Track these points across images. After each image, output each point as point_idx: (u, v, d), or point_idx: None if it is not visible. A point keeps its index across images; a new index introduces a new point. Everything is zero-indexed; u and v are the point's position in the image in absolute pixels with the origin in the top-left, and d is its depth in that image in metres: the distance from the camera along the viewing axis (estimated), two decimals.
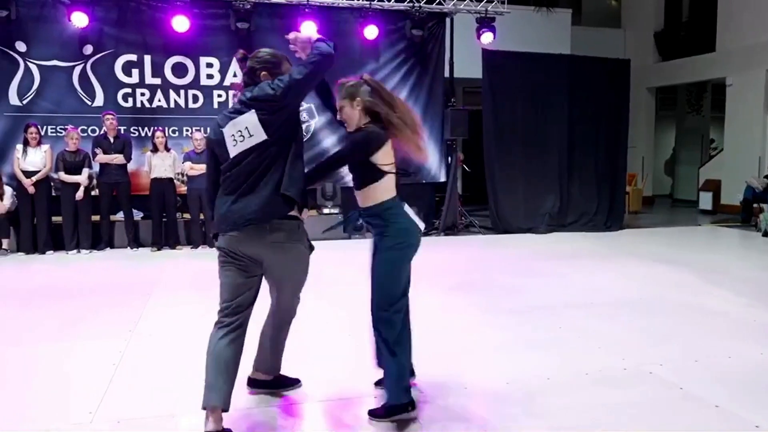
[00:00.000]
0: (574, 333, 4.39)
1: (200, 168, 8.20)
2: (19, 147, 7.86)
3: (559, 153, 10.06)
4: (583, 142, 10.16)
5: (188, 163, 8.20)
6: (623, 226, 10.39)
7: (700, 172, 14.49)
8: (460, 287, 5.88)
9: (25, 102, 8.51)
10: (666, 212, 13.83)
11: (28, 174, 7.78)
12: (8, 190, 7.92)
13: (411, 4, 9.59)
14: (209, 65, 9.20)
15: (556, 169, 10.06)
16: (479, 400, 3.26)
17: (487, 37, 9.83)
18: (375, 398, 3.20)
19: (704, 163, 15.03)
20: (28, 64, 8.50)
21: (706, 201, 13.46)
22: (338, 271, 6.49)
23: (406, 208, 3.00)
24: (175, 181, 8.30)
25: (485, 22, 9.85)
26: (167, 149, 8.27)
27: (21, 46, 8.46)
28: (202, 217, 8.33)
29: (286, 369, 3.30)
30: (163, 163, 8.14)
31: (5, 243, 7.87)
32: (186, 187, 8.39)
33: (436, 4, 9.74)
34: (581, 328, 4.52)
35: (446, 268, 7.00)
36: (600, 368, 3.66)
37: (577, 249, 8.39)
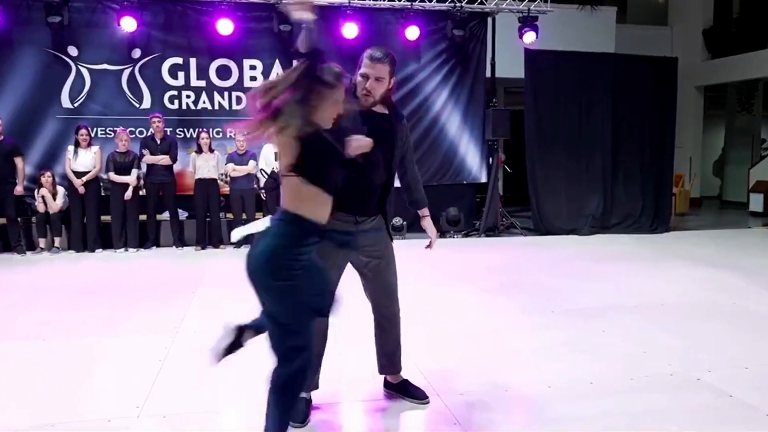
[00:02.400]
0: (618, 337, 4.31)
1: (242, 169, 8.34)
2: (71, 148, 8.12)
3: (603, 153, 9.89)
4: (628, 143, 9.96)
5: (231, 165, 8.34)
6: (669, 228, 10.14)
7: (751, 173, 14.02)
8: (502, 289, 5.83)
9: (76, 105, 8.79)
10: (714, 214, 13.46)
11: (79, 174, 8.03)
12: (60, 190, 8.18)
13: (452, 4, 9.55)
14: (252, 67, 9.34)
15: (599, 170, 9.88)
16: (520, 403, 3.23)
17: (529, 37, 9.72)
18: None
19: (755, 163, 14.54)
20: (80, 67, 8.77)
21: (756, 203, 13.03)
22: None
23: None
24: (218, 181, 8.45)
25: (527, 22, 9.75)
26: (211, 150, 8.42)
27: (73, 51, 8.74)
28: (244, 216, 8.45)
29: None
30: (207, 164, 8.30)
31: (57, 241, 8.14)
32: (229, 188, 8.53)
33: (478, 4, 9.68)
34: (626, 331, 4.43)
35: (487, 270, 6.96)
36: (646, 373, 3.58)
37: (621, 251, 8.23)
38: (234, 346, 2.63)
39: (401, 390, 3.24)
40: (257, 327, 2.57)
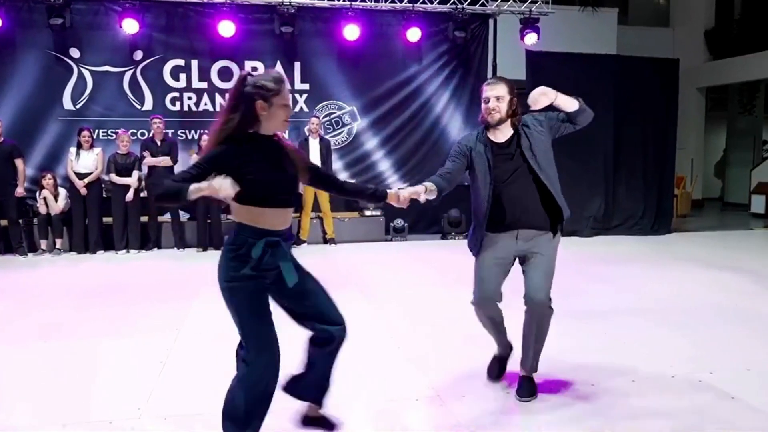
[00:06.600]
0: (620, 339, 4.30)
1: None
2: (73, 150, 8.13)
3: (604, 155, 9.87)
4: (629, 144, 9.94)
5: None
6: (671, 229, 10.13)
7: (752, 175, 14.02)
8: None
9: (78, 106, 8.81)
10: (716, 216, 13.44)
11: (81, 176, 8.03)
12: (62, 192, 8.19)
13: (454, 6, 9.55)
14: (254, 69, 9.27)
15: (601, 172, 9.87)
16: (522, 406, 3.23)
17: (530, 38, 9.72)
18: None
19: (756, 165, 14.53)
20: (82, 69, 8.79)
21: (758, 204, 13.02)
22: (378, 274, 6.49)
23: None
24: None
25: (529, 23, 9.74)
26: None
27: (75, 53, 8.76)
28: None
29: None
30: None
31: (59, 242, 8.15)
32: None
33: (479, 6, 9.68)
34: (628, 333, 4.43)
35: None
36: (647, 375, 3.58)
37: (623, 253, 8.21)
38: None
39: (522, 385, 3.27)
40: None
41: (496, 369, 3.48)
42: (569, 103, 3.27)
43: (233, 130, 2.39)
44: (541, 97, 3.22)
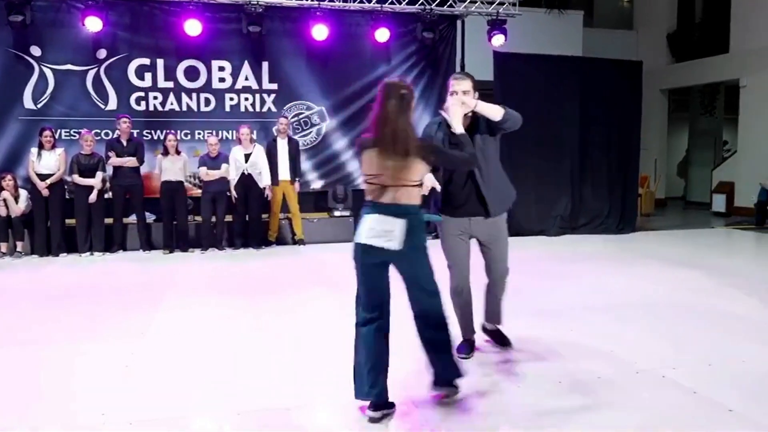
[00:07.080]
0: (585, 336, 4.36)
1: (215, 173, 8.23)
2: (34, 150, 7.93)
3: (570, 155, 10.01)
4: (595, 145, 10.09)
5: (203, 169, 8.22)
6: (635, 228, 10.32)
7: (714, 174, 14.38)
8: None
9: (39, 106, 8.60)
10: (679, 215, 13.73)
11: (43, 177, 7.84)
12: (23, 193, 7.99)
13: (422, 7, 9.58)
14: (221, 69, 9.24)
15: (567, 172, 10.00)
16: (488, 404, 3.25)
17: (498, 39, 9.79)
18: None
19: (717, 165, 14.91)
20: (43, 68, 8.58)
21: (719, 203, 13.36)
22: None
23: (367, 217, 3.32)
24: (185, 183, 8.33)
25: (496, 24, 9.81)
26: (178, 152, 8.29)
27: (36, 51, 8.54)
28: (214, 219, 8.36)
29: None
30: (174, 166, 8.18)
31: (20, 245, 7.95)
32: (198, 190, 8.42)
33: (447, 7, 9.73)
34: (593, 331, 4.49)
35: None
36: (612, 372, 3.64)
37: (589, 251, 8.35)
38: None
39: (494, 336, 4.09)
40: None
41: (467, 346, 3.94)
42: (491, 112, 3.55)
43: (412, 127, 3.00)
44: (460, 106, 3.46)
